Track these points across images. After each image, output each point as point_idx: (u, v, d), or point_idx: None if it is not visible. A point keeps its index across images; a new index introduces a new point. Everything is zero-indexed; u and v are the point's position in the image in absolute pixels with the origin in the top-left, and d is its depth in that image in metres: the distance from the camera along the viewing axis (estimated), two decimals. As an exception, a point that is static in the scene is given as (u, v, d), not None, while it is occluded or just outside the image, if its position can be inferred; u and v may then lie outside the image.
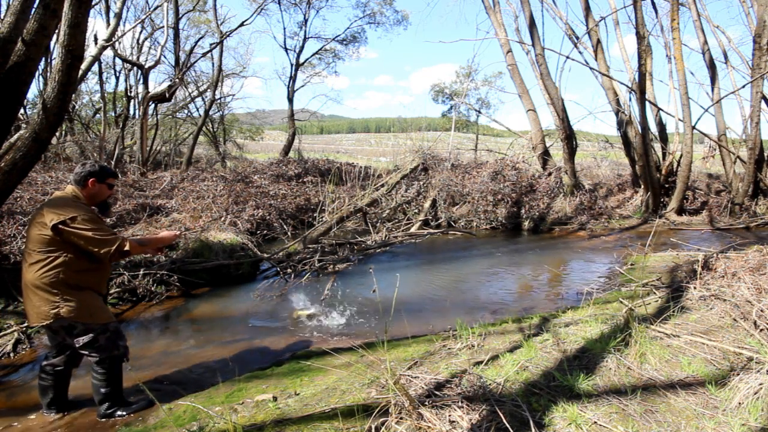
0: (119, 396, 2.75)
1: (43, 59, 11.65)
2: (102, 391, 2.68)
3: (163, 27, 12.33)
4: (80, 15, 3.45)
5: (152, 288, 5.02)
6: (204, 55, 16.36)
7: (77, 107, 15.75)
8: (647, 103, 10.11)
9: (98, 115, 16.21)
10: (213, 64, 17.17)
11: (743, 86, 10.55)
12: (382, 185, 8.98)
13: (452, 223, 9.47)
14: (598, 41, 11.35)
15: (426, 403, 2.29)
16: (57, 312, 2.50)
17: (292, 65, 19.43)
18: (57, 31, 3.74)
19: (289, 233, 7.87)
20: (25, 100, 6.60)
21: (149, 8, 15.29)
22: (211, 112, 18.32)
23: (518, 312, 4.67)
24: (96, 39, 9.10)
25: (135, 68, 15.23)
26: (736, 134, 12.44)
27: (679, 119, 10.67)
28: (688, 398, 2.46)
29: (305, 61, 20.29)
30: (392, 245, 7.79)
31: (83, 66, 7.51)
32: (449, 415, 2.21)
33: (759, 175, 10.68)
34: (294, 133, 19.55)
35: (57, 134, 11.92)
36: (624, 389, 2.53)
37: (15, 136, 5.92)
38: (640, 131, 10.08)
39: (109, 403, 2.70)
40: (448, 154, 11.74)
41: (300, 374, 3.17)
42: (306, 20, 19.16)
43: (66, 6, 3.44)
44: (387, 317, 3.97)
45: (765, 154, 11.11)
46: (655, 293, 4.51)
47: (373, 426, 2.18)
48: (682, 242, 7.17)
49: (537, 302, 5.14)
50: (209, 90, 17.08)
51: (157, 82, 28.28)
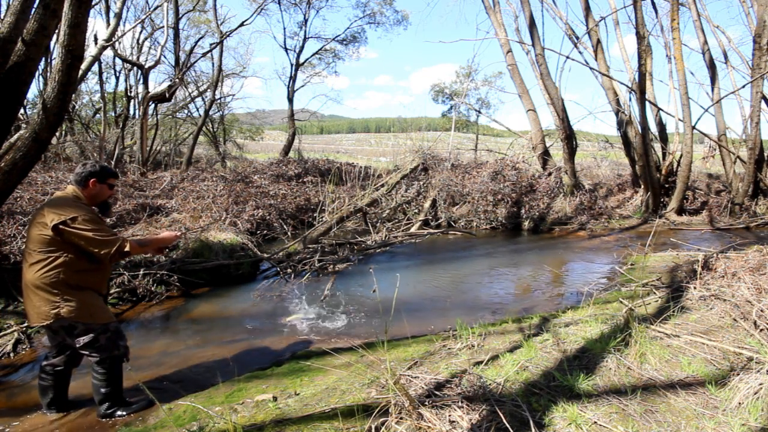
0: (119, 396, 2.76)
1: (43, 59, 11.65)
2: (102, 391, 2.68)
3: (163, 27, 12.34)
4: (80, 15, 3.45)
5: (152, 288, 5.02)
6: (204, 55, 16.37)
7: (77, 107, 15.76)
8: (647, 103, 10.11)
9: (98, 115, 16.21)
10: (213, 64, 17.21)
11: (743, 86, 10.55)
12: (382, 185, 8.98)
13: (452, 223, 9.47)
14: (598, 41, 11.35)
15: (426, 403, 2.29)
16: (57, 312, 2.51)
17: (292, 65, 19.46)
18: (57, 31, 3.73)
19: (289, 233, 7.88)
20: (25, 100, 6.59)
21: (149, 8, 15.30)
22: (211, 112, 18.34)
23: (518, 312, 4.67)
24: (96, 39, 9.10)
25: (135, 68, 15.24)
26: (736, 134, 12.45)
27: (679, 119, 10.67)
28: (688, 398, 2.46)
29: (305, 61, 20.32)
30: (392, 245, 7.79)
31: (83, 66, 7.51)
32: (449, 415, 2.21)
33: (759, 175, 10.68)
34: (294, 133, 19.56)
35: (57, 134, 11.92)
36: (624, 389, 2.53)
37: (15, 136, 5.92)
38: (640, 131, 10.08)
39: (109, 403, 2.70)
40: (448, 154, 11.75)
41: (300, 374, 3.17)
42: (306, 20, 19.21)
43: (66, 6, 3.44)
44: (387, 317, 3.96)
45: (765, 154, 11.11)
46: (655, 293, 4.51)
47: (373, 426, 2.18)
48: (682, 242, 7.17)
49: (537, 302, 5.14)
50: (209, 90, 17.08)
51: (157, 82, 28.34)
